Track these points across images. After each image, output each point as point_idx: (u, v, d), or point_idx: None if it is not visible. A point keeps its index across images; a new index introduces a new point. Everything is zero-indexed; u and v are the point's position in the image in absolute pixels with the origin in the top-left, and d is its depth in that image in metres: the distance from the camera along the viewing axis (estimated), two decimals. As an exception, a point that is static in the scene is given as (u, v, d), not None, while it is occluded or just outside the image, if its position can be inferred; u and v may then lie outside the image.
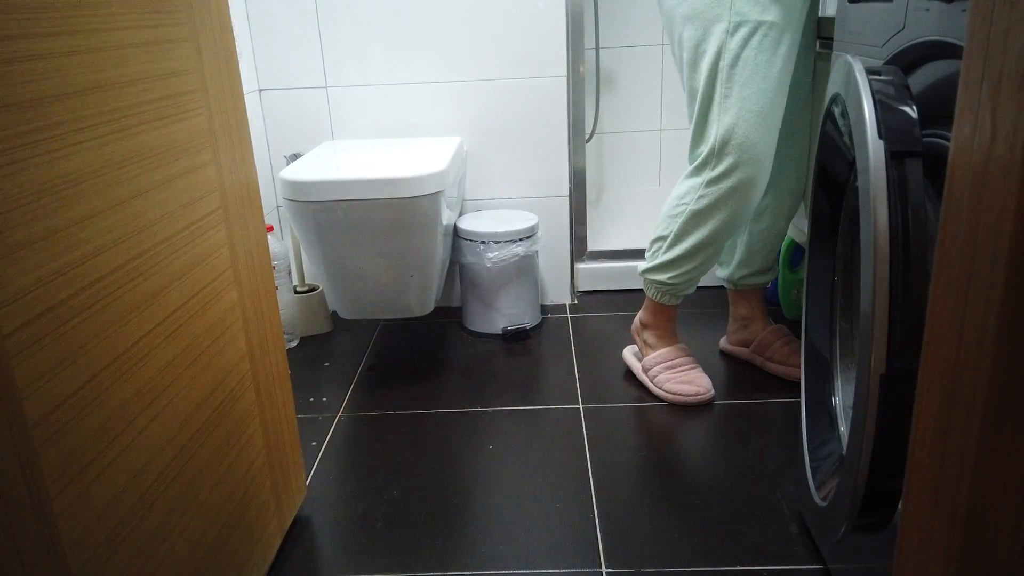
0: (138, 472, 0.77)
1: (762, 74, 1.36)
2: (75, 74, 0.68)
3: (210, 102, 0.95)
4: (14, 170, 0.60)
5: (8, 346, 0.59)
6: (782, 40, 1.35)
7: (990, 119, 0.49)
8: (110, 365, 0.73)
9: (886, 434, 0.82)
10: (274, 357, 1.14)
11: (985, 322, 0.50)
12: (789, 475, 1.33)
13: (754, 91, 1.36)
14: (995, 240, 0.48)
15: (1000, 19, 0.48)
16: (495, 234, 1.83)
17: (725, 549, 1.16)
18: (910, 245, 0.79)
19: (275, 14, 1.91)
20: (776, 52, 1.36)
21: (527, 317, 1.94)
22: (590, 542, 1.19)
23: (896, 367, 0.80)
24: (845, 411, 1.07)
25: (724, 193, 1.43)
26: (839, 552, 1.03)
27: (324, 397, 1.68)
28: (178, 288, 0.86)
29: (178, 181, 0.86)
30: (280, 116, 1.99)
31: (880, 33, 0.94)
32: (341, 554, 1.20)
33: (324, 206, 1.52)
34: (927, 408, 0.59)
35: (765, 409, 1.54)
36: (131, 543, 0.75)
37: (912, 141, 0.81)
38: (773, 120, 1.39)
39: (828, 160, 1.06)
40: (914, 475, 0.61)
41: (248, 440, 1.04)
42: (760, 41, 1.34)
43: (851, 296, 1.08)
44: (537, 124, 1.97)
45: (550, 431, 1.51)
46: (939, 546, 0.57)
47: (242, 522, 1.01)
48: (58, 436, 0.65)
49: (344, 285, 1.65)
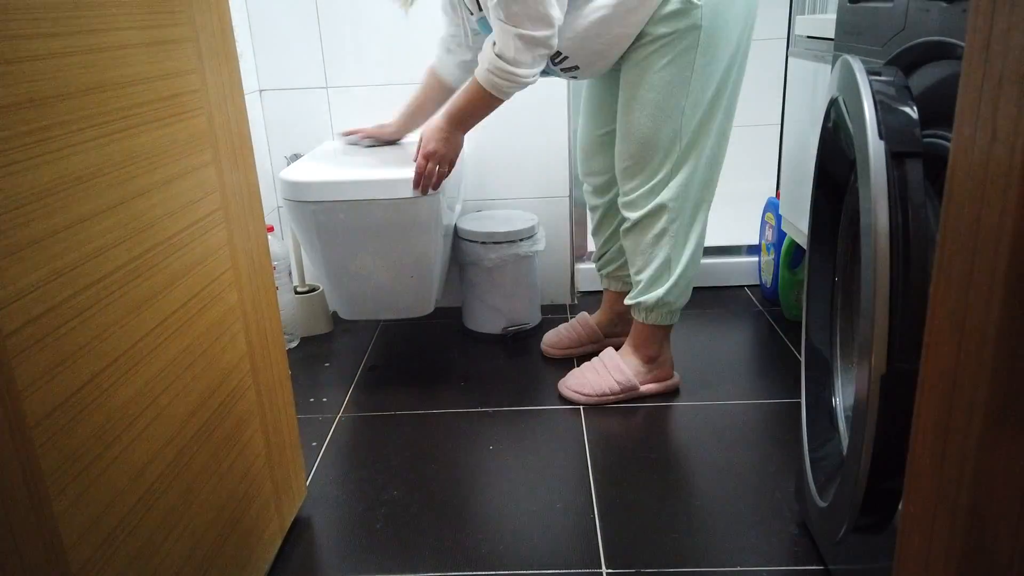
0: (138, 472, 0.77)
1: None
2: (75, 74, 0.68)
3: (210, 102, 0.95)
4: (14, 170, 0.60)
5: (8, 346, 0.59)
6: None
7: (990, 119, 0.49)
8: (110, 365, 0.73)
9: (886, 434, 0.82)
10: (274, 357, 1.14)
11: (985, 322, 0.50)
12: (789, 475, 1.33)
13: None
14: (995, 240, 0.48)
15: (1000, 19, 0.48)
16: (495, 234, 1.83)
17: (725, 549, 1.16)
18: (910, 245, 0.79)
19: (275, 14, 1.91)
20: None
21: (527, 317, 1.94)
22: (590, 542, 1.19)
23: (896, 367, 0.80)
24: (845, 411, 1.07)
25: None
26: (839, 552, 1.03)
27: (324, 397, 1.68)
28: (178, 288, 0.86)
29: (178, 181, 0.86)
30: (280, 116, 1.99)
31: (880, 33, 0.94)
32: (341, 554, 1.20)
33: (324, 206, 1.52)
34: (927, 408, 0.59)
35: (764, 409, 1.54)
36: (131, 543, 0.75)
37: (912, 142, 0.81)
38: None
39: (828, 160, 1.06)
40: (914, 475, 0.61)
41: (248, 440, 1.04)
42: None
43: (851, 296, 1.08)
44: (537, 124, 1.97)
45: (550, 431, 1.51)
46: (939, 546, 0.57)
47: (242, 522, 1.01)
48: (58, 436, 0.65)
49: (344, 285, 1.65)
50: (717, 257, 2.16)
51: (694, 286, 1.59)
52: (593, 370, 1.61)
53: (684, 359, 1.75)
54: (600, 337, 1.80)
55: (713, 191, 1.53)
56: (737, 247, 2.19)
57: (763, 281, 2.11)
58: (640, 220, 1.49)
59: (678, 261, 1.51)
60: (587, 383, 1.59)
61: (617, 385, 1.58)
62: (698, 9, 1.35)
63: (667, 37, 1.37)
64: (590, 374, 1.61)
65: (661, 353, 1.60)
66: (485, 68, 1.37)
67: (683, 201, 1.47)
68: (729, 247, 2.19)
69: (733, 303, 2.07)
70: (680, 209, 1.48)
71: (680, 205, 1.47)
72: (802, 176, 1.69)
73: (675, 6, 1.35)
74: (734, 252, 2.19)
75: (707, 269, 2.15)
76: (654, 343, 1.59)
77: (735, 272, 2.17)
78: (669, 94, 1.40)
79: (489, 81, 1.38)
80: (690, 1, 1.34)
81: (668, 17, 1.36)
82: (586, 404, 1.58)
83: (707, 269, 2.15)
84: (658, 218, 1.48)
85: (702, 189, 1.50)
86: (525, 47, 1.33)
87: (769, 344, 1.83)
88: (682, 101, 1.41)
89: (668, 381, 1.62)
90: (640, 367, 1.59)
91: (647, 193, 1.47)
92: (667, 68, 1.39)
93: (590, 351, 1.77)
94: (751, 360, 1.76)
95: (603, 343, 1.78)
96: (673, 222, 1.48)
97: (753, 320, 1.96)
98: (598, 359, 1.64)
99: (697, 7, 1.34)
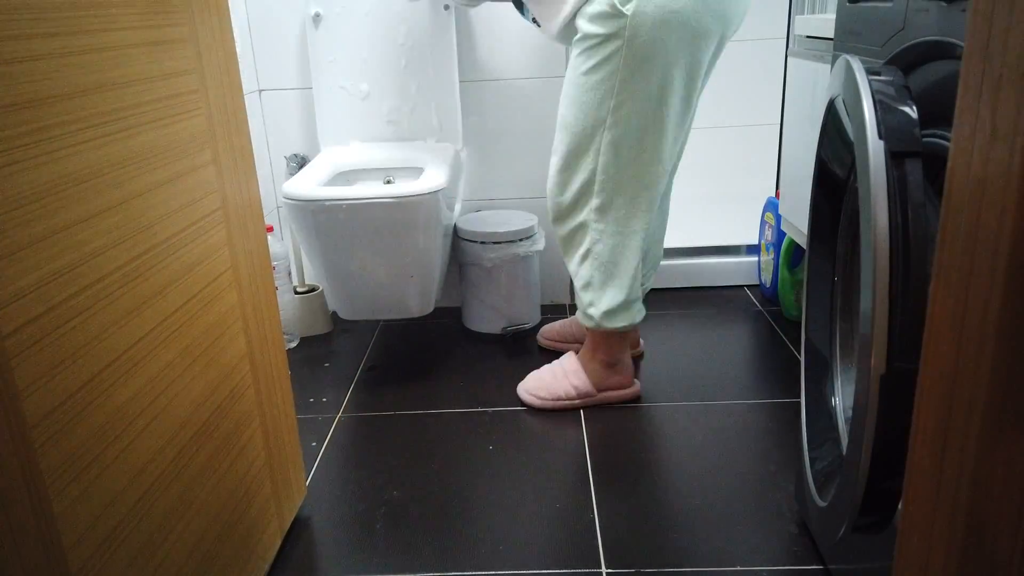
0: (138, 472, 0.77)
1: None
2: (75, 74, 0.68)
3: (210, 102, 0.95)
4: (14, 170, 0.60)
5: (8, 346, 0.59)
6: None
7: (990, 119, 0.49)
8: (110, 365, 0.73)
9: (886, 434, 0.82)
10: (274, 357, 1.14)
11: (985, 322, 0.50)
12: (789, 475, 1.33)
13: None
14: (995, 240, 0.48)
15: (1000, 19, 0.48)
16: (495, 234, 1.83)
17: (725, 549, 1.16)
18: (910, 245, 0.79)
19: (275, 14, 1.91)
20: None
21: (527, 317, 1.94)
22: (590, 542, 1.19)
23: (896, 367, 0.80)
24: (845, 411, 1.07)
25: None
26: (839, 552, 1.03)
27: (324, 397, 1.68)
28: (178, 288, 0.86)
29: (178, 182, 0.86)
30: (280, 116, 1.99)
31: (880, 33, 0.94)
32: (341, 554, 1.20)
33: (324, 207, 1.52)
34: (927, 408, 0.59)
35: (765, 409, 1.54)
36: (131, 543, 0.75)
37: (912, 141, 0.81)
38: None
39: (828, 160, 1.06)
40: (914, 475, 0.61)
41: (248, 440, 1.04)
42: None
43: (851, 296, 1.08)
44: (537, 124, 1.97)
45: (550, 431, 1.51)
46: (939, 546, 0.57)
47: (242, 522, 1.01)
48: (58, 436, 0.65)
49: (344, 285, 1.65)
50: (717, 257, 2.16)
51: (695, 285, 1.58)
52: (551, 373, 1.60)
53: (684, 359, 1.75)
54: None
55: (645, 218, 1.42)
56: (737, 247, 2.19)
57: (763, 281, 2.11)
58: (565, 235, 1.46)
59: (608, 283, 1.46)
60: (544, 386, 1.58)
61: (573, 390, 1.56)
62: (624, 19, 1.26)
63: (593, 39, 1.30)
64: (548, 377, 1.59)
65: (618, 359, 1.56)
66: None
67: (605, 223, 1.41)
68: (729, 247, 2.19)
69: (733, 303, 2.07)
70: (603, 231, 1.42)
71: (601, 227, 1.41)
72: (802, 176, 1.69)
73: (600, 7, 1.27)
74: (734, 252, 2.19)
75: (707, 269, 2.16)
76: (608, 348, 1.55)
77: (735, 272, 2.17)
78: (591, 102, 1.34)
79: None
80: (615, 6, 1.26)
81: (594, 18, 1.29)
82: (541, 408, 1.57)
83: (707, 269, 2.16)
84: (581, 236, 1.43)
85: (629, 215, 1.41)
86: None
87: (769, 344, 1.83)
88: (604, 115, 1.34)
89: (628, 389, 1.59)
90: (599, 371, 1.56)
91: (569, 206, 1.42)
92: (590, 73, 1.32)
93: (577, 350, 1.77)
94: (751, 360, 1.76)
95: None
96: (596, 242, 1.43)
97: (753, 320, 1.96)
98: (557, 362, 1.62)
99: (623, 16, 1.26)
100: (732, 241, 2.20)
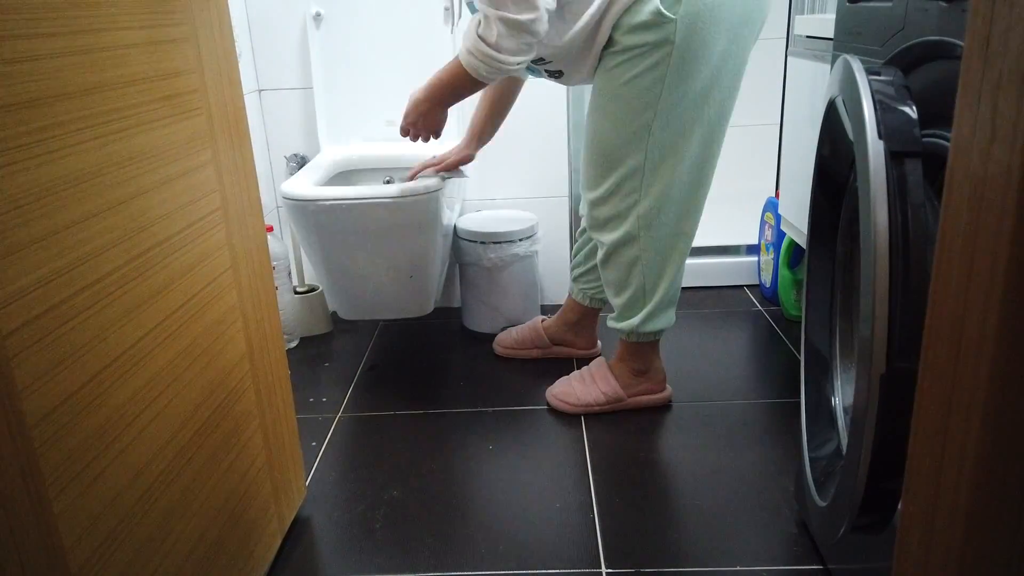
0: (138, 472, 0.77)
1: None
2: (75, 74, 0.68)
3: (210, 102, 0.95)
4: (14, 170, 0.60)
5: (8, 346, 0.59)
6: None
7: (990, 119, 0.49)
8: (110, 365, 0.73)
9: (886, 434, 0.82)
10: (274, 357, 1.14)
11: (985, 322, 0.50)
12: (789, 475, 1.33)
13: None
14: (995, 240, 0.48)
15: (1000, 19, 0.48)
16: (495, 234, 1.83)
17: (725, 549, 1.16)
18: (910, 245, 0.79)
19: (275, 14, 1.91)
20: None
21: (526, 317, 1.94)
22: (590, 542, 1.19)
23: (896, 367, 0.80)
24: (845, 411, 1.07)
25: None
26: (839, 552, 1.03)
27: (324, 397, 1.68)
28: (178, 288, 0.86)
29: (178, 181, 0.86)
30: (280, 116, 1.99)
31: (880, 33, 0.94)
32: (341, 554, 1.20)
33: (324, 207, 1.52)
34: (927, 408, 0.59)
35: (764, 409, 1.54)
36: (131, 543, 0.75)
37: (912, 141, 0.81)
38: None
39: (828, 160, 1.06)
40: (914, 475, 0.61)
41: (248, 440, 1.04)
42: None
43: (851, 296, 1.08)
44: (537, 124, 1.97)
45: (550, 431, 1.51)
46: (939, 546, 0.57)
47: (242, 522, 1.01)
48: (58, 436, 0.65)
49: (344, 285, 1.65)
50: (717, 257, 2.16)
51: (695, 285, 1.58)
52: (580, 380, 1.59)
53: (683, 359, 1.75)
54: (546, 343, 1.79)
55: (695, 220, 1.43)
56: (736, 247, 2.19)
57: (762, 281, 2.11)
58: (611, 250, 1.44)
59: (654, 291, 1.45)
60: (573, 392, 1.58)
61: (603, 396, 1.55)
62: (671, 23, 1.25)
63: (636, 49, 1.28)
64: (577, 384, 1.59)
65: (649, 366, 1.56)
66: (467, 49, 1.28)
67: (654, 229, 1.40)
68: (728, 247, 2.19)
69: (732, 303, 2.07)
70: (653, 238, 1.40)
71: (651, 233, 1.40)
72: (801, 176, 1.69)
73: (644, 17, 1.25)
74: (733, 252, 2.19)
75: (707, 269, 2.16)
76: (640, 357, 1.54)
77: (734, 272, 2.17)
78: (635, 110, 1.32)
79: (470, 64, 1.30)
80: (662, 14, 1.24)
81: (637, 28, 1.27)
82: (572, 413, 1.58)
83: (707, 269, 2.16)
84: (628, 247, 1.42)
85: (679, 218, 1.41)
86: (508, 32, 1.23)
87: (769, 344, 1.83)
88: (650, 120, 1.32)
89: (659, 394, 1.58)
90: (629, 378, 1.56)
91: (614, 218, 1.41)
92: (634, 82, 1.30)
93: (536, 356, 1.80)
94: (751, 360, 1.76)
95: (550, 349, 1.80)
96: (645, 251, 1.41)
97: (752, 320, 1.96)
98: (587, 368, 1.62)
99: (671, 21, 1.25)
100: (732, 241, 2.20)
